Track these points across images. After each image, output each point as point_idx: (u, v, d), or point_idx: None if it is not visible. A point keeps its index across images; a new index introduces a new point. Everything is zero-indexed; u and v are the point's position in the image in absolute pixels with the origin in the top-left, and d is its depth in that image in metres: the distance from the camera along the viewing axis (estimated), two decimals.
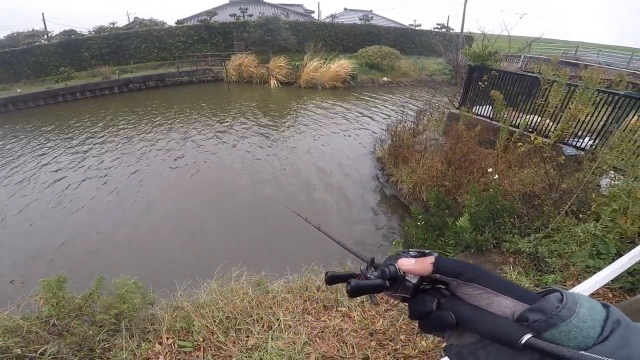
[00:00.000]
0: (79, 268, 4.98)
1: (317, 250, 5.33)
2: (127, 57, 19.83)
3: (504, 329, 0.37)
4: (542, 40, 18.41)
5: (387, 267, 0.47)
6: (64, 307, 2.38)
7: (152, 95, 16.85)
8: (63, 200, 7.05)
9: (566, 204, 3.76)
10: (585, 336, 0.33)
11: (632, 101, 5.27)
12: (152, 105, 14.64)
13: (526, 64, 17.27)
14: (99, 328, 2.43)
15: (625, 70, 15.08)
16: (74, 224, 6.28)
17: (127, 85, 17.45)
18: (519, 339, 0.35)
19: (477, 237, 3.94)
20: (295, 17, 26.19)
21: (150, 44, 20.20)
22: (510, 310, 0.38)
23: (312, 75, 18.29)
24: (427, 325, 0.45)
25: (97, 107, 14.77)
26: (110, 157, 9.31)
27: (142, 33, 20.34)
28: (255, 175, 8.20)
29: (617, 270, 2.08)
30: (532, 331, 0.35)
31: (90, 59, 19.11)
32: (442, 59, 19.20)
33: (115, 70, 18.08)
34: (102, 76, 17.29)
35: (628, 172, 3.80)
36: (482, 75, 7.10)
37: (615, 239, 3.17)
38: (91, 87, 16.61)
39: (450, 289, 0.44)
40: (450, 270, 0.43)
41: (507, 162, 5.37)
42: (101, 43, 19.32)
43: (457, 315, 0.41)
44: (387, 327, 2.77)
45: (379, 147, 8.90)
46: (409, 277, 0.45)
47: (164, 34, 20.49)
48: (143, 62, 19.98)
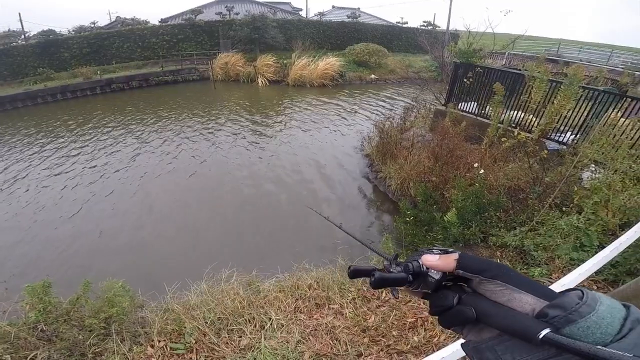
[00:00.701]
0: (63, 273, 4.86)
1: (308, 249, 5.33)
2: (109, 57, 19.39)
3: (523, 324, 0.37)
4: (526, 38, 18.76)
5: (410, 263, 0.48)
6: (51, 312, 2.37)
7: (136, 95, 16.52)
8: (46, 206, 6.86)
9: (550, 197, 3.85)
10: (604, 333, 0.33)
11: (611, 97, 5.42)
12: (138, 106, 14.36)
13: (510, 61, 17.57)
14: (88, 332, 2.43)
15: (605, 66, 15.48)
16: (55, 230, 6.10)
17: (110, 86, 17.05)
18: (537, 334, 0.35)
19: (465, 231, 4.00)
20: (283, 15, 26.02)
21: (133, 43, 19.80)
22: (531, 306, 0.39)
23: (300, 73, 18.22)
24: (447, 320, 0.45)
25: (79, 108, 14.40)
26: (90, 161, 9.10)
27: (124, 32, 19.91)
28: (242, 175, 8.13)
29: (599, 262, 2.13)
30: (550, 327, 0.35)
31: (70, 59, 18.61)
32: (428, 56, 19.41)
33: (97, 70, 17.63)
34: (84, 77, 16.84)
35: (608, 166, 3.90)
36: (467, 72, 7.20)
37: (597, 231, 3.25)
38: (72, 88, 16.17)
39: (472, 286, 0.45)
40: (474, 267, 0.43)
41: (493, 157, 5.46)
42: (82, 43, 18.84)
43: (478, 310, 0.41)
44: (379, 323, 2.79)
45: (367, 144, 8.93)
46: (432, 273, 0.46)
47: (147, 33, 20.09)
48: (126, 62, 19.55)
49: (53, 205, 6.84)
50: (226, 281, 3.30)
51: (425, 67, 20.88)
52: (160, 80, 18.21)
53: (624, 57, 19.33)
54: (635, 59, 18.25)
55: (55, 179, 7.96)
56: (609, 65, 16.99)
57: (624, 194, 3.43)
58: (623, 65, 17.62)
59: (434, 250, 0.48)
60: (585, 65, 14.43)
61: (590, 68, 12.54)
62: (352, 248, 5.08)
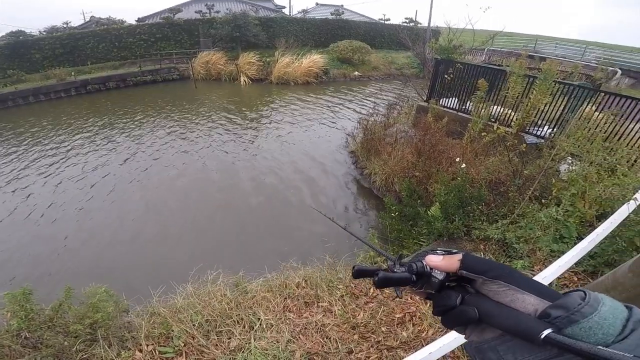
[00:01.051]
0: (41, 280, 4.68)
1: (295, 248, 5.30)
2: (83, 57, 18.72)
3: (525, 324, 0.37)
4: (504, 34, 19.18)
5: (414, 263, 0.48)
6: (33, 319, 2.37)
7: (113, 96, 16.01)
8: (24, 212, 6.57)
9: (529, 190, 3.93)
10: (605, 333, 0.33)
11: (586, 91, 5.59)
12: (115, 107, 13.93)
13: (489, 57, 17.92)
14: (74, 339, 2.41)
15: (580, 62, 15.99)
16: (35, 236, 5.87)
17: (85, 87, 16.44)
18: (539, 334, 0.35)
19: (448, 225, 4.04)
20: (266, 13, 25.72)
21: (108, 43, 19.19)
22: (533, 307, 0.39)
23: (284, 71, 18.08)
24: (450, 320, 0.45)
25: (53, 110, 13.88)
26: (69, 165, 8.78)
27: (99, 32, 19.24)
28: (223, 177, 7.99)
29: (578, 254, 2.17)
30: (553, 327, 0.35)
31: (42, 60, 17.89)
32: (410, 53, 19.61)
33: (71, 71, 17.00)
34: (57, 78, 16.16)
35: (584, 158, 4.01)
36: (448, 68, 7.28)
37: (576, 223, 3.33)
38: (45, 90, 15.50)
39: (475, 286, 0.45)
40: (477, 268, 0.44)
41: (474, 152, 5.55)
42: (54, 44, 18.11)
43: (480, 311, 0.41)
44: (368, 319, 2.80)
45: (352, 141, 8.94)
46: (435, 274, 0.47)
47: (124, 32, 19.50)
48: (102, 63, 18.93)
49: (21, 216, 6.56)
50: (212, 283, 3.26)
51: (408, 64, 21.07)
52: (138, 81, 17.73)
53: (597, 52, 20.01)
54: (608, 54, 18.92)
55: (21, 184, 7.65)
56: (583, 61, 17.56)
57: (599, 186, 3.53)
58: (596, 60, 18.25)
59: (438, 251, 0.49)
60: (561, 61, 14.86)
61: (565, 64, 12.93)
62: (340, 245, 5.09)
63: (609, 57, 17.45)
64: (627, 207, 2.69)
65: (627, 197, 3.08)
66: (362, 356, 2.49)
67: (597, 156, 3.88)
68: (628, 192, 3.28)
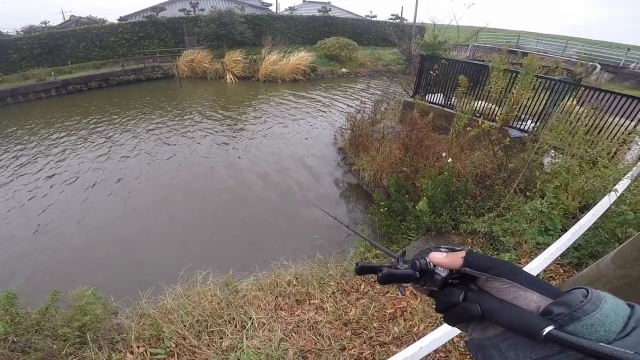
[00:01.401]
0: (26, 284, 4.57)
1: (284, 246, 5.28)
2: (63, 57, 18.19)
3: (527, 321, 0.37)
4: (488, 30, 19.45)
5: (417, 260, 0.49)
6: (20, 323, 2.36)
7: (95, 96, 15.60)
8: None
9: (514, 183, 4.00)
10: (607, 331, 0.34)
11: (567, 86, 5.72)
12: (98, 106, 13.58)
13: (474, 53, 18.16)
14: (63, 342, 2.40)
15: (561, 57, 16.34)
16: (15, 238, 5.69)
17: (66, 87, 15.99)
18: (541, 331, 0.35)
19: (436, 219, 4.08)
20: (252, 11, 25.43)
21: (89, 42, 18.71)
22: (536, 304, 0.39)
23: (271, 68, 17.96)
24: (453, 316, 0.46)
25: (33, 111, 13.46)
26: (51, 166, 8.53)
27: (79, 32, 18.72)
28: (211, 176, 7.88)
29: (562, 246, 2.21)
30: (555, 324, 0.35)
31: (20, 60, 17.32)
32: (396, 49, 19.70)
33: (50, 71, 16.49)
34: (36, 78, 15.67)
35: (566, 151, 4.09)
36: (433, 64, 7.34)
37: (560, 215, 3.40)
38: (23, 91, 15.00)
39: (478, 284, 0.45)
40: (480, 265, 0.44)
41: (460, 146, 5.61)
42: (32, 43, 17.56)
43: (483, 307, 0.42)
44: (360, 315, 2.82)
45: (340, 138, 8.95)
46: (439, 271, 0.47)
47: (105, 31, 19.02)
48: (83, 62, 18.43)
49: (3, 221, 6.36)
50: (202, 283, 3.24)
51: (394, 60, 21.18)
52: (121, 80, 17.34)
53: (577, 48, 20.49)
54: (588, 50, 19.39)
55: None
56: (564, 56, 17.96)
57: (581, 178, 3.62)
58: (577, 55, 18.69)
59: (442, 249, 0.49)
60: (542, 56, 15.16)
61: (547, 59, 13.19)
62: (330, 242, 5.09)
63: (589, 53, 17.90)
64: (608, 199, 2.76)
65: (608, 188, 3.16)
66: (355, 352, 2.50)
67: (579, 149, 3.96)
68: (609, 183, 3.37)
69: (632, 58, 17.08)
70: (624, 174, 3.31)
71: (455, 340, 2.42)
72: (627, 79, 15.88)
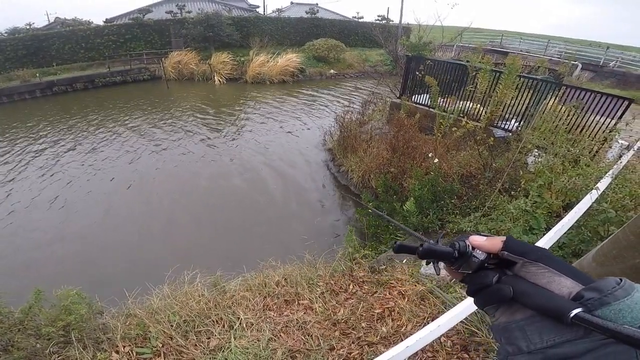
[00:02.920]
0: (8, 283, 4.42)
1: (273, 246, 5.26)
2: (48, 58, 17.88)
3: (557, 303, 0.38)
4: (471, 30, 19.73)
5: (457, 242, 0.49)
6: (2, 322, 2.35)
7: (81, 97, 15.35)
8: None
9: (499, 182, 4.06)
10: (635, 317, 0.34)
11: (549, 85, 5.82)
12: (83, 108, 13.31)
13: (459, 53, 18.39)
14: (47, 341, 2.39)
15: (543, 56, 16.68)
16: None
17: (51, 88, 15.75)
18: (568, 313, 0.36)
19: (423, 219, 4.12)
20: (239, 13, 25.28)
21: (75, 44, 18.43)
22: (568, 290, 0.39)
23: (259, 70, 17.90)
24: (484, 298, 0.46)
25: (17, 113, 13.13)
26: (40, 168, 8.32)
27: (64, 33, 18.44)
28: (198, 177, 7.82)
29: (546, 244, 2.24)
30: (584, 307, 0.36)
31: (4, 62, 16.98)
32: (383, 50, 19.83)
33: (35, 72, 16.21)
34: (21, 79, 15.42)
35: (549, 150, 4.17)
36: (419, 64, 7.40)
37: (544, 214, 3.44)
38: (7, 92, 14.74)
39: (514, 270, 0.45)
40: (519, 250, 0.44)
41: (446, 147, 5.67)
42: (17, 45, 17.22)
43: (515, 289, 0.42)
44: (349, 316, 2.82)
45: (329, 139, 8.96)
46: (477, 254, 0.47)
47: (91, 33, 18.76)
48: (68, 64, 18.15)
49: None
50: (189, 283, 3.22)
51: (381, 61, 21.32)
52: (107, 82, 17.11)
53: (559, 47, 20.94)
54: (569, 48, 19.83)
55: None
56: (547, 55, 18.33)
57: (564, 176, 3.68)
58: (558, 55, 19.10)
59: (482, 234, 0.50)
60: (525, 55, 15.44)
61: (530, 58, 13.45)
62: (319, 242, 5.08)
63: (572, 52, 18.29)
64: (590, 197, 2.82)
65: (590, 187, 3.23)
66: (343, 352, 2.50)
67: (561, 148, 4.04)
68: (591, 181, 3.44)
69: (611, 57, 17.52)
70: (605, 172, 3.39)
71: (442, 340, 2.44)
72: (607, 77, 16.28)
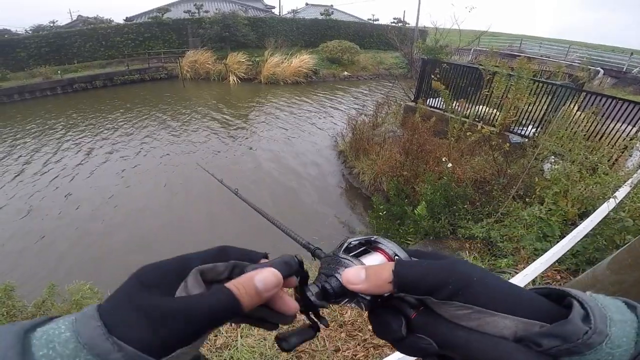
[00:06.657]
0: (26, 277, 4.60)
1: (282, 246, 5.28)
2: (70, 56, 18.43)
3: (510, 356, 0.28)
4: (490, 34, 19.45)
5: (329, 282, 0.35)
6: (15, 316, 2.39)
7: (100, 95, 15.78)
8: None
9: (513, 189, 3.99)
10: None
11: (568, 91, 5.70)
12: (101, 105, 13.71)
13: (476, 57, 18.12)
14: None
15: (563, 62, 16.30)
16: (16, 234, 5.75)
17: (72, 86, 16.20)
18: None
19: (435, 224, 4.08)
20: (255, 13, 25.62)
21: (95, 42, 18.97)
22: (511, 330, 0.29)
23: (274, 70, 18.02)
24: (403, 351, 0.34)
25: (40, 109, 13.58)
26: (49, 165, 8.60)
27: (86, 31, 19.02)
28: (212, 176, 7.87)
29: (559, 252, 2.20)
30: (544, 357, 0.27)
31: (28, 59, 17.59)
32: (398, 53, 19.73)
33: (57, 70, 16.73)
34: (43, 76, 15.92)
35: (566, 157, 4.08)
36: (435, 68, 7.35)
37: (558, 222, 3.37)
38: (30, 89, 15.24)
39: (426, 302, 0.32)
40: (420, 285, 0.31)
41: (460, 151, 5.61)
42: (40, 42, 17.85)
43: (439, 341, 0.31)
44: (355, 318, 2.82)
45: (341, 141, 8.97)
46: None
47: (111, 32, 19.28)
48: (88, 61, 18.68)
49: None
50: None
51: (396, 64, 21.19)
52: (126, 80, 17.51)
53: (580, 52, 20.44)
54: (591, 54, 19.34)
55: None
56: (567, 61, 17.91)
57: (581, 184, 3.60)
58: (579, 60, 18.65)
59: (352, 242, 0.37)
60: (545, 61, 15.12)
61: (549, 63, 13.17)
62: (330, 244, 5.07)
63: (594, 58, 17.83)
64: (607, 206, 2.75)
65: (607, 195, 3.15)
66: (349, 354, 2.51)
67: (579, 155, 3.95)
68: (608, 190, 3.35)
69: (635, 63, 17.01)
70: (624, 181, 3.30)
71: None
72: (630, 83, 15.82)
